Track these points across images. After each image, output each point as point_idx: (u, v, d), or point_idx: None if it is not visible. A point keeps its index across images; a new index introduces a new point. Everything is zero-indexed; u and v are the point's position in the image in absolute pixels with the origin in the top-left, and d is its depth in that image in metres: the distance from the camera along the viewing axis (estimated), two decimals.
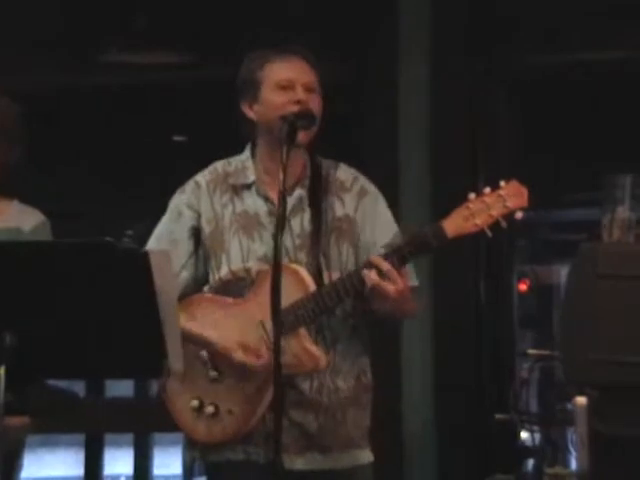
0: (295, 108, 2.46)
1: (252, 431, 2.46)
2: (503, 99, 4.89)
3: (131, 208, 7.49)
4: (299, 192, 2.52)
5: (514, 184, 2.33)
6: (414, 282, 2.53)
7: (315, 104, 2.50)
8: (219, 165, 2.62)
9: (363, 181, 2.58)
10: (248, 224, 2.52)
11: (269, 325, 2.38)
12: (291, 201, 2.50)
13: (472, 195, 2.34)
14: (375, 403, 2.64)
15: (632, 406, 2.54)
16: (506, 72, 4.92)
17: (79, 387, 5.25)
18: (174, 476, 11.91)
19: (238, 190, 2.54)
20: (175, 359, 2.19)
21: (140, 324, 2.16)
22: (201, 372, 2.50)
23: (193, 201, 2.58)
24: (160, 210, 2.72)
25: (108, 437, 5.61)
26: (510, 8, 4.62)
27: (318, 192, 2.52)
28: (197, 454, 2.57)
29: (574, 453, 3.33)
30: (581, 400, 2.78)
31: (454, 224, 2.33)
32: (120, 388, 5.65)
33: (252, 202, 2.53)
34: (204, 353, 2.50)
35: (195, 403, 2.50)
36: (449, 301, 4.28)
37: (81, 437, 5.53)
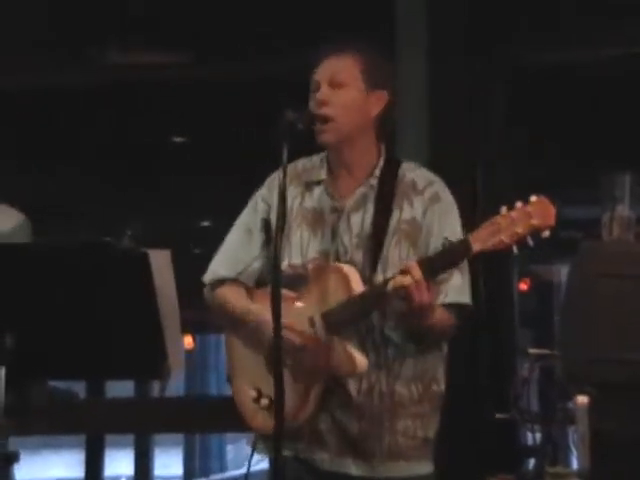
0: (316, 111, 2.45)
1: (302, 427, 2.45)
2: (502, 98, 4.89)
3: (130, 208, 7.50)
4: (363, 190, 2.51)
5: (543, 201, 2.29)
6: (462, 299, 2.47)
7: (337, 99, 2.46)
8: (300, 161, 2.62)
9: (438, 187, 2.53)
10: (313, 219, 2.53)
11: (318, 322, 2.41)
12: (353, 198, 2.50)
13: (503, 209, 2.30)
14: None
15: (632, 404, 2.54)
16: (506, 72, 4.92)
17: (80, 388, 5.25)
18: (174, 477, 11.95)
19: (310, 186, 2.55)
20: (175, 359, 2.19)
21: (140, 324, 2.16)
22: (260, 363, 2.50)
23: (267, 194, 2.59)
24: (159, 209, 2.72)
25: (109, 438, 5.61)
26: (510, 8, 4.62)
27: (387, 191, 2.49)
28: (261, 449, 2.54)
29: (575, 452, 3.33)
30: (582, 399, 2.77)
31: (480, 238, 2.30)
32: (121, 389, 5.64)
33: (319, 198, 2.54)
34: (265, 344, 2.47)
35: (253, 393, 2.50)
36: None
37: (82, 438, 5.53)
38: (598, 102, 5.49)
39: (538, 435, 3.90)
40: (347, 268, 2.44)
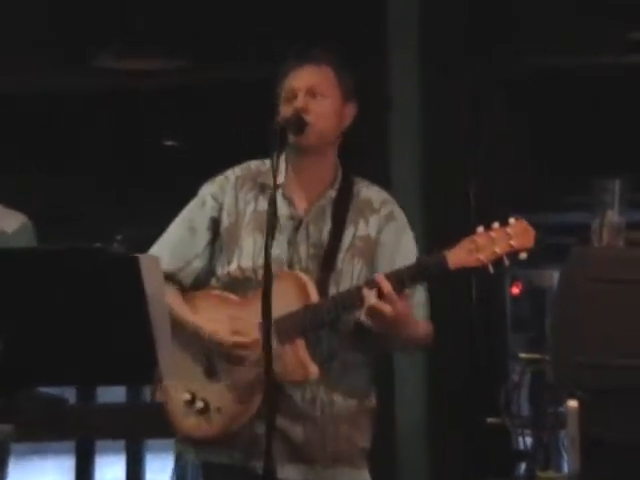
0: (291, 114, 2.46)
1: (238, 434, 2.45)
2: (499, 100, 4.90)
3: (121, 212, 7.48)
4: (323, 202, 2.52)
5: (522, 224, 2.31)
6: (423, 313, 2.51)
7: (318, 108, 2.47)
8: (253, 163, 2.62)
9: (393, 207, 2.56)
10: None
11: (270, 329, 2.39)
12: (314, 209, 2.51)
13: (480, 229, 2.32)
14: None
15: (622, 409, 2.54)
16: (506, 72, 4.92)
17: (70, 393, 5.23)
18: None
19: (265, 189, 2.53)
20: (166, 364, 2.18)
21: (131, 329, 2.15)
22: (199, 368, 2.50)
23: (218, 193, 2.58)
24: (150, 214, 2.72)
25: (99, 443, 5.59)
26: (510, 8, 4.63)
27: (343, 206, 2.51)
28: (192, 455, 2.56)
29: (566, 456, 3.33)
30: (572, 403, 2.78)
31: (457, 256, 2.32)
32: (112, 394, 5.63)
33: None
34: (205, 349, 2.50)
35: (187, 397, 2.50)
36: (441, 304, 4.28)
37: (72, 444, 5.51)
38: (589, 108, 5.50)
39: (529, 439, 3.90)
40: (304, 277, 2.44)
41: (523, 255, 2.29)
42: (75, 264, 2.13)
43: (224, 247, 2.54)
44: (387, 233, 2.51)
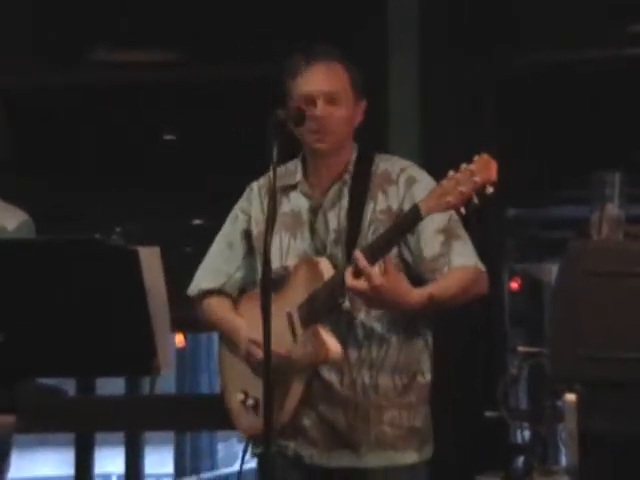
0: (313, 125, 2.49)
1: (286, 425, 2.47)
2: (493, 95, 4.90)
3: (120, 206, 7.49)
4: (337, 186, 2.55)
5: (483, 158, 2.28)
6: (467, 262, 2.47)
7: (337, 115, 2.51)
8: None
9: (412, 170, 2.56)
10: (292, 222, 2.57)
11: (295, 316, 2.46)
12: (329, 195, 2.55)
13: (450, 173, 2.31)
14: None
15: (620, 402, 2.55)
16: (506, 71, 4.93)
17: (69, 385, 5.24)
18: (166, 475, 11.94)
19: (286, 191, 2.60)
20: (165, 356, 2.19)
21: (130, 321, 2.16)
22: (248, 368, 2.56)
23: (245, 205, 2.67)
24: (149, 208, 2.74)
25: (99, 436, 5.60)
26: (510, 8, 4.63)
27: (359, 185, 2.53)
28: (252, 449, 2.60)
29: (564, 450, 3.34)
30: (570, 397, 2.78)
31: (428, 204, 2.31)
32: (111, 386, 5.64)
33: (296, 201, 2.59)
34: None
35: (241, 396, 2.56)
36: None
37: (71, 436, 5.52)
38: (588, 101, 5.50)
39: (527, 433, 3.91)
40: (319, 260, 2.47)
41: (490, 189, 2.26)
42: (74, 255, 2.14)
43: (258, 254, 2.60)
44: (410, 198, 2.48)
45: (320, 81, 2.51)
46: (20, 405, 2.66)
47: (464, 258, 2.48)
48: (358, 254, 2.33)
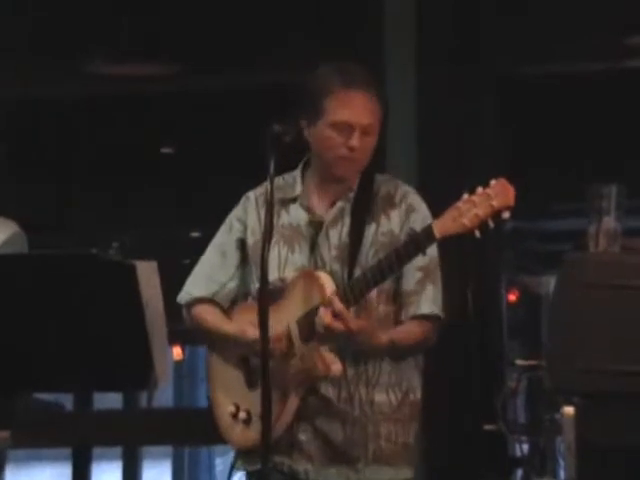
0: (346, 153, 2.48)
1: (280, 440, 2.47)
2: (491, 107, 4.91)
3: (117, 219, 7.48)
4: (341, 204, 2.55)
5: (501, 182, 2.30)
6: (434, 310, 2.52)
7: (368, 147, 2.51)
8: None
9: (413, 198, 2.57)
10: (290, 235, 2.56)
11: (294, 327, 2.45)
12: (332, 212, 2.54)
13: (465, 195, 2.33)
14: None
15: (618, 415, 2.54)
16: (495, 79, 4.94)
17: (67, 399, 5.23)
18: None
19: (285, 203, 2.59)
20: (162, 370, 2.19)
21: (127, 336, 2.16)
22: (239, 379, 2.55)
23: (241, 214, 2.64)
24: (146, 221, 2.74)
25: (96, 450, 5.58)
26: (499, 17, 4.64)
27: (362, 205, 2.53)
28: (240, 464, 2.58)
29: (562, 463, 3.33)
30: (569, 410, 2.78)
31: (442, 225, 2.33)
32: (108, 400, 5.62)
33: (295, 214, 2.58)
34: (244, 360, 2.54)
35: (232, 409, 2.54)
36: None
37: (68, 450, 5.50)
38: (584, 113, 5.51)
39: (526, 446, 3.90)
40: (321, 274, 2.47)
41: (506, 214, 2.28)
42: (72, 270, 2.14)
43: (253, 265, 2.58)
44: (409, 226, 2.52)
45: (360, 113, 2.48)
46: (16, 420, 2.65)
47: (431, 306, 2.52)
48: (331, 298, 2.37)
